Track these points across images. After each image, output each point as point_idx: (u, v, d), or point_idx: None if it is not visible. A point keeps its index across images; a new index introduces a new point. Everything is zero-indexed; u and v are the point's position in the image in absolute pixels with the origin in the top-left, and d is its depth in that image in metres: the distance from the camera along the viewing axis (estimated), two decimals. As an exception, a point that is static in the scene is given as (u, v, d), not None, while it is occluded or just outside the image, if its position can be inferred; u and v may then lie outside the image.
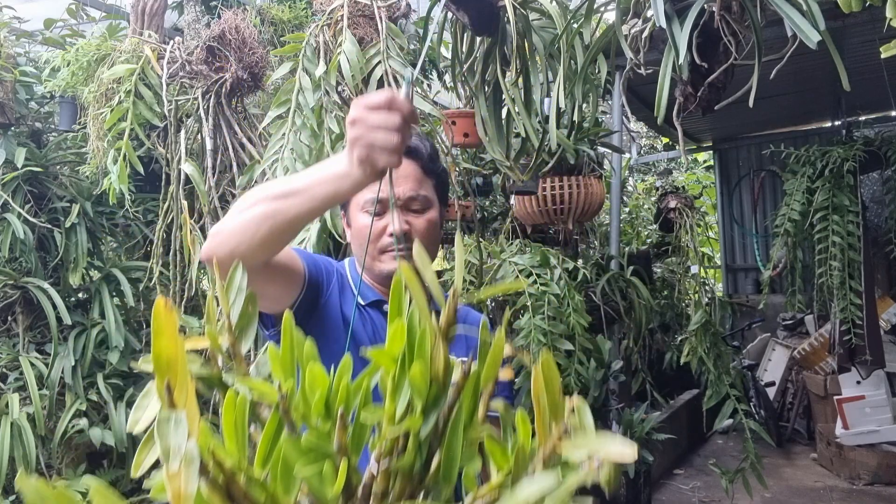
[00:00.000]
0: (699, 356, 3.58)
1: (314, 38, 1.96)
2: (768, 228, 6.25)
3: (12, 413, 2.96)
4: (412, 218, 1.20)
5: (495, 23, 1.99)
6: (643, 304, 3.52)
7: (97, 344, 3.22)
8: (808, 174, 4.44)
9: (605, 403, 3.57)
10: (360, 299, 1.25)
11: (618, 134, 4.05)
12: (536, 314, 2.72)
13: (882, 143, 4.36)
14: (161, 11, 2.93)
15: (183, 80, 2.45)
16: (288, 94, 1.93)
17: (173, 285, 2.53)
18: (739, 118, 5.83)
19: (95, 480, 2.91)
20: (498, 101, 2.15)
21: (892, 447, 4.57)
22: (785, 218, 4.50)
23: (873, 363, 4.27)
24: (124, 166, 2.31)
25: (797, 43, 1.40)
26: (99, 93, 2.56)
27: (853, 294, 4.18)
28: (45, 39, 3.61)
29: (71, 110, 3.27)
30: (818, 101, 5.42)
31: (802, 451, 5.34)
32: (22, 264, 3.32)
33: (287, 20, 3.49)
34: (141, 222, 3.49)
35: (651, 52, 1.70)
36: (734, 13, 1.50)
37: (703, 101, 1.61)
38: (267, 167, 1.91)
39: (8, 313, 3.32)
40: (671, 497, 4.39)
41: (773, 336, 6.04)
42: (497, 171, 4.29)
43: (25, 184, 3.24)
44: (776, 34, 1.64)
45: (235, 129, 2.41)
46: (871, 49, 3.91)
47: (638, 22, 1.70)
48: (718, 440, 5.68)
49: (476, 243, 2.74)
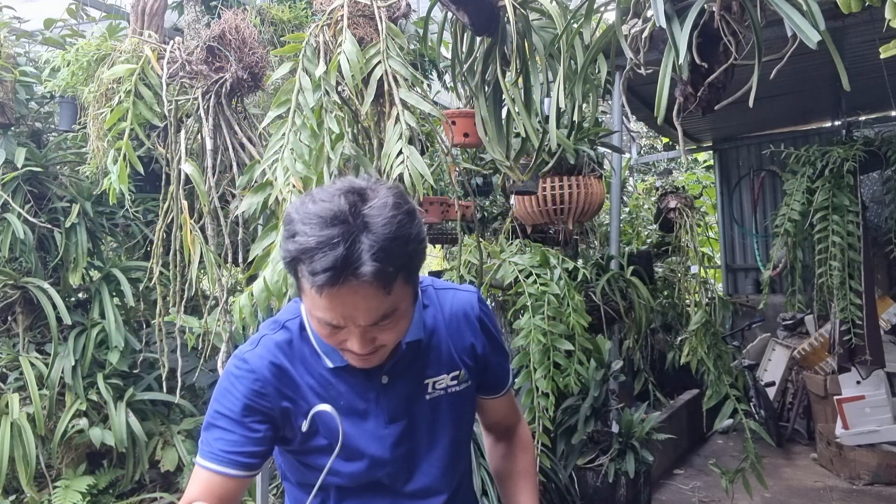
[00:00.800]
0: (699, 356, 3.57)
1: (314, 38, 1.96)
2: (768, 228, 6.26)
3: (12, 413, 2.96)
4: (379, 333, 1.02)
5: (495, 23, 1.99)
6: (643, 304, 3.52)
7: (97, 344, 3.23)
8: (808, 174, 4.44)
9: (605, 403, 3.58)
10: (329, 362, 1.13)
11: (618, 134, 4.05)
12: (536, 314, 2.72)
13: (882, 143, 4.36)
14: (161, 11, 2.93)
15: (183, 80, 2.45)
16: (288, 94, 1.93)
17: (173, 285, 2.53)
18: (739, 118, 5.83)
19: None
20: (498, 101, 2.15)
21: (892, 447, 4.57)
22: (785, 218, 4.50)
23: (873, 363, 4.27)
24: (124, 166, 2.31)
25: (797, 43, 1.40)
26: (99, 93, 2.56)
27: (853, 294, 4.18)
28: (45, 39, 3.61)
29: (71, 110, 3.27)
30: (818, 101, 5.42)
31: (802, 451, 5.34)
32: (22, 264, 3.32)
33: (287, 20, 3.49)
34: (141, 222, 3.50)
35: (651, 52, 1.70)
36: (734, 13, 1.50)
37: (703, 101, 1.61)
38: (267, 167, 1.91)
39: (8, 313, 3.33)
40: (671, 497, 4.39)
41: (773, 336, 6.04)
42: (497, 171, 4.30)
43: (25, 184, 3.24)
44: (776, 34, 1.64)
45: (235, 129, 2.41)
46: (871, 49, 3.92)
47: (638, 22, 1.70)
48: (718, 440, 5.68)
49: (476, 243, 2.74)
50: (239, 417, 1.10)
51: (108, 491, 3.15)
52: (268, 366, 1.12)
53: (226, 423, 1.10)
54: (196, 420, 3.34)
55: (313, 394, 1.13)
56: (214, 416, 1.12)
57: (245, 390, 1.10)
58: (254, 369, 1.11)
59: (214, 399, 1.14)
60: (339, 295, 0.94)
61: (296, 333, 1.15)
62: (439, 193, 4.47)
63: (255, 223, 2.39)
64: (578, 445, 3.53)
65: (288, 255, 0.96)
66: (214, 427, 1.11)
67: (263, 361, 1.12)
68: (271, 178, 1.89)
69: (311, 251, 0.92)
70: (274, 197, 1.91)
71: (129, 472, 3.17)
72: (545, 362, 2.68)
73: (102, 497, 3.11)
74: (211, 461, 1.10)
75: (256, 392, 1.10)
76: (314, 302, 0.97)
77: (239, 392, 1.11)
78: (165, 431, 3.30)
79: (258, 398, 1.10)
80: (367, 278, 0.92)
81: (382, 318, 0.99)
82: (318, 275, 0.91)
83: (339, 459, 1.11)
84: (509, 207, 4.11)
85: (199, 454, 1.12)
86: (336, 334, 1.01)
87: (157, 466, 3.23)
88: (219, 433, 1.10)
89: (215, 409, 1.12)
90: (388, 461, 1.16)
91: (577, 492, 3.43)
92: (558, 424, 3.54)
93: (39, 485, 3.08)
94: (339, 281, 0.92)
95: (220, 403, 1.12)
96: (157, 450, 3.22)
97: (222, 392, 1.13)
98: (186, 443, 3.24)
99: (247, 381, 1.11)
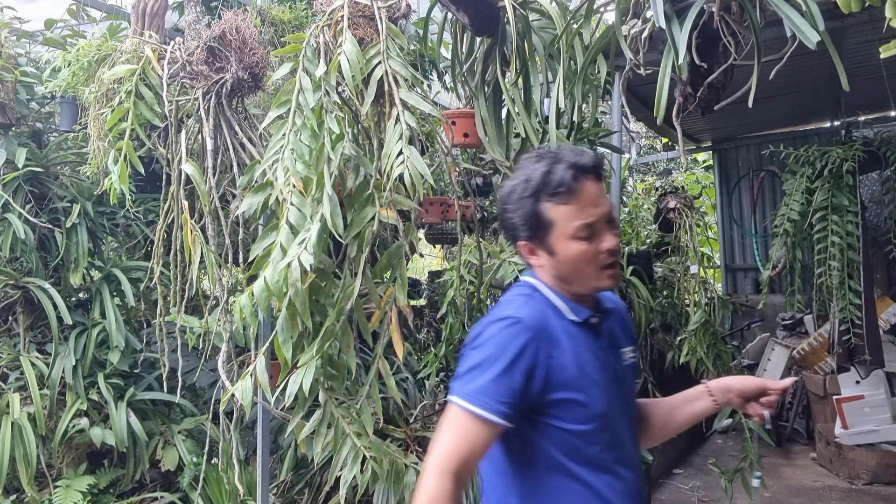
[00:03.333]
0: (699, 356, 3.58)
1: (314, 38, 1.97)
2: (767, 228, 6.26)
3: (13, 413, 2.96)
4: (613, 235, 1.25)
5: (495, 23, 2.00)
6: (643, 304, 3.53)
7: (98, 344, 3.23)
8: (807, 174, 4.44)
9: (604, 403, 3.57)
10: (574, 317, 1.27)
11: (617, 134, 4.04)
12: (536, 314, 2.72)
13: (881, 144, 4.37)
14: (162, 12, 2.93)
15: (183, 81, 2.45)
16: (288, 94, 1.93)
17: (174, 285, 2.53)
18: (739, 118, 5.84)
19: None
20: (498, 102, 2.16)
21: (892, 447, 4.58)
22: (784, 218, 4.50)
23: (872, 363, 4.27)
24: (125, 166, 2.31)
25: (796, 43, 1.41)
26: (100, 93, 2.57)
27: (852, 294, 4.18)
28: (45, 40, 3.61)
29: (72, 110, 3.27)
30: (817, 101, 5.42)
31: (802, 450, 5.34)
32: (23, 264, 3.33)
33: (287, 21, 3.49)
34: (141, 222, 3.50)
35: (651, 53, 1.70)
36: (734, 14, 1.50)
37: (702, 102, 1.62)
38: (267, 167, 1.91)
39: (9, 313, 3.33)
40: (671, 496, 4.40)
41: (772, 336, 6.04)
42: (497, 171, 4.29)
43: (26, 184, 3.24)
44: (776, 34, 1.65)
45: (236, 129, 2.41)
46: (871, 49, 3.92)
47: (637, 22, 1.71)
48: (718, 440, 5.69)
49: (476, 243, 2.75)
50: (506, 368, 1.17)
51: (109, 490, 3.16)
52: (535, 321, 1.22)
53: (491, 374, 1.17)
54: (196, 420, 3.34)
55: (568, 348, 1.23)
56: (481, 369, 1.19)
57: (516, 344, 1.19)
58: (526, 326, 1.21)
59: (480, 352, 1.20)
60: (582, 191, 1.21)
61: (539, 298, 1.29)
62: (439, 193, 4.48)
63: (256, 223, 2.39)
64: (578, 445, 3.53)
65: (526, 207, 1.23)
66: (480, 377, 1.18)
67: (530, 318, 1.22)
68: (272, 178, 1.89)
69: (544, 176, 1.21)
70: (274, 197, 1.92)
71: (130, 471, 3.17)
72: (545, 362, 2.68)
73: (103, 496, 3.11)
74: (480, 407, 1.16)
75: (524, 346, 1.19)
76: (567, 215, 1.21)
77: (511, 346, 1.19)
78: (166, 431, 3.30)
79: (526, 352, 1.18)
80: (592, 173, 1.22)
81: (610, 217, 1.25)
82: (562, 183, 1.19)
83: (583, 414, 1.21)
84: (509, 207, 4.10)
85: (465, 399, 1.17)
86: (593, 241, 1.22)
87: (157, 466, 3.24)
88: (484, 383, 1.17)
89: (481, 360, 1.19)
90: (610, 419, 1.25)
91: (577, 491, 3.43)
92: (558, 424, 3.54)
93: (40, 484, 3.09)
94: (577, 179, 1.20)
95: (487, 357, 1.19)
96: (157, 449, 3.23)
97: (490, 346, 1.20)
98: (187, 442, 3.25)
99: (519, 336, 1.19)
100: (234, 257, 2.41)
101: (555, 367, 1.20)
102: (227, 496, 2.87)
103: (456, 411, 1.17)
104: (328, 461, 2.09)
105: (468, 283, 3.06)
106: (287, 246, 1.81)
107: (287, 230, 1.83)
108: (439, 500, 1.11)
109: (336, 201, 1.82)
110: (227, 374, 2.19)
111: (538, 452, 1.23)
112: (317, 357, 1.88)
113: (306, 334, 1.92)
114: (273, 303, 1.88)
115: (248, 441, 3.22)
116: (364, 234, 1.92)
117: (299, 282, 1.76)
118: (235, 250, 2.40)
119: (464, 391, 1.18)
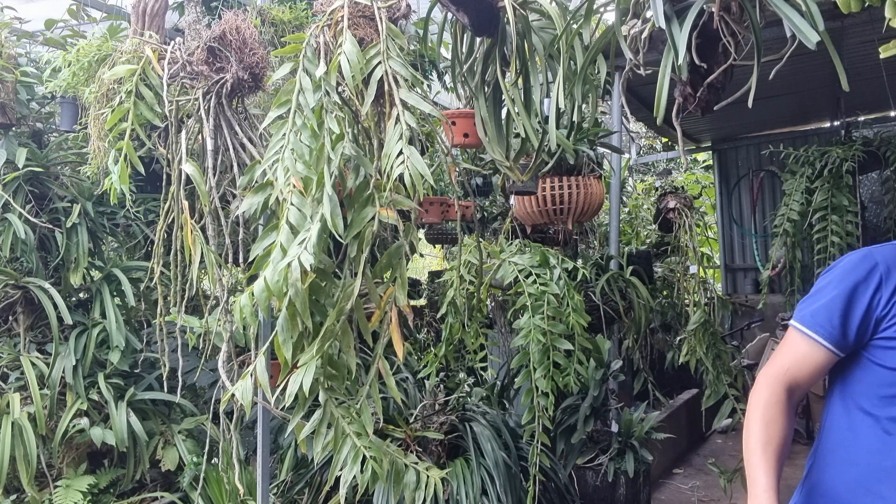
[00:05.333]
0: (698, 356, 3.58)
1: (314, 38, 1.97)
2: (767, 228, 6.27)
3: (13, 412, 2.97)
4: None
5: (495, 23, 2.00)
6: (642, 304, 3.53)
7: (98, 343, 3.23)
8: (807, 174, 4.45)
9: (604, 403, 3.58)
10: None
11: (617, 134, 4.06)
12: (536, 314, 2.73)
13: (881, 144, 4.37)
14: (162, 12, 2.93)
15: (184, 81, 2.45)
16: (288, 94, 1.93)
17: (174, 285, 2.53)
18: (738, 118, 5.84)
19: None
20: (498, 102, 2.16)
21: (891, 447, 4.57)
22: (784, 218, 4.51)
23: (872, 363, 4.27)
24: (125, 166, 2.31)
25: (796, 43, 1.41)
26: (100, 93, 2.57)
27: (852, 294, 4.18)
28: (46, 40, 3.61)
29: (72, 111, 3.28)
30: (817, 101, 5.43)
31: (801, 450, 5.34)
32: (23, 264, 3.33)
33: (287, 21, 3.49)
34: (142, 222, 3.50)
35: (650, 53, 1.70)
36: (733, 14, 1.51)
37: (702, 102, 1.62)
38: (267, 167, 1.92)
39: (9, 313, 3.33)
40: (670, 496, 4.40)
41: (772, 336, 6.04)
42: (497, 172, 4.30)
43: (27, 184, 3.25)
44: (775, 35, 1.65)
45: (236, 129, 2.41)
46: (870, 49, 3.93)
47: (637, 22, 1.71)
48: (718, 439, 5.69)
49: (476, 243, 2.75)
50: (841, 293, 1.28)
51: (109, 490, 3.16)
52: (886, 258, 1.30)
53: (826, 297, 1.30)
54: (196, 420, 3.35)
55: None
56: (820, 294, 1.33)
57: (859, 271, 1.29)
58: (876, 258, 1.30)
59: (825, 278, 1.34)
60: None
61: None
62: (439, 193, 4.48)
63: (256, 223, 2.39)
64: (578, 445, 3.54)
65: None
66: (816, 301, 1.32)
67: (882, 255, 1.31)
68: (272, 178, 1.89)
69: None
70: (274, 197, 1.92)
71: (130, 471, 3.18)
72: (545, 362, 2.69)
73: (103, 496, 3.12)
74: (808, 328, 1.31)
75: (867, 275, 1.28)
76: None
77: (853, 273, 1.30)
78: (166, 431, 3.30)
79: (870, 280, 1.27)
80: None
81: None
82: None
83: None
84: (509, 207, 4.11)
85: (797, 320, 1.34)
86: None
87: (157, 466, 3.24)
88: (817, 307, 1.31)
89: (823, 285, 1.33)
90: None
91: (577, 491, 3.44)
92: (558, 424, 3.55)
93: (40, 484, 3.09)
94: None
95: (829, 282, 1.32)
96: (157, 449, 3.23)
97: (836, 272, 1.33)
98: (187, 442, 3.25)
99: (863, 263, 1.30)
100: (234, 257, 2.41)
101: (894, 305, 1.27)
102: (228, 496, 2.87)
103: (790, 331, 1.33)
104: (328, 461, 2.09)
105: (468, 283, 3.06)
106: (287, 246, 1.81)
107: (287, 230, 1.84)
108: (772, 406, 1.31)
109: (336, 201, 1.82)
110: (227, 374, 2.19)
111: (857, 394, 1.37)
112: (317, 357, 1.88)
113: (306, 334, 1.92)
114: (273, 303, 1.88)
115: (248, 441, 3.22)
116: (364, 234, 1.92)
117: (299, 282, 1.76)
118: (235, 250, 2.40)
119: (800, 313, 1.33)
